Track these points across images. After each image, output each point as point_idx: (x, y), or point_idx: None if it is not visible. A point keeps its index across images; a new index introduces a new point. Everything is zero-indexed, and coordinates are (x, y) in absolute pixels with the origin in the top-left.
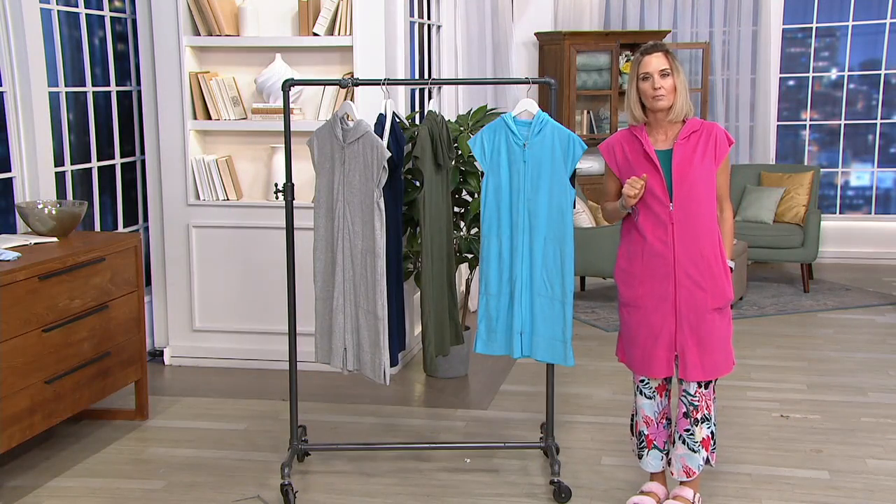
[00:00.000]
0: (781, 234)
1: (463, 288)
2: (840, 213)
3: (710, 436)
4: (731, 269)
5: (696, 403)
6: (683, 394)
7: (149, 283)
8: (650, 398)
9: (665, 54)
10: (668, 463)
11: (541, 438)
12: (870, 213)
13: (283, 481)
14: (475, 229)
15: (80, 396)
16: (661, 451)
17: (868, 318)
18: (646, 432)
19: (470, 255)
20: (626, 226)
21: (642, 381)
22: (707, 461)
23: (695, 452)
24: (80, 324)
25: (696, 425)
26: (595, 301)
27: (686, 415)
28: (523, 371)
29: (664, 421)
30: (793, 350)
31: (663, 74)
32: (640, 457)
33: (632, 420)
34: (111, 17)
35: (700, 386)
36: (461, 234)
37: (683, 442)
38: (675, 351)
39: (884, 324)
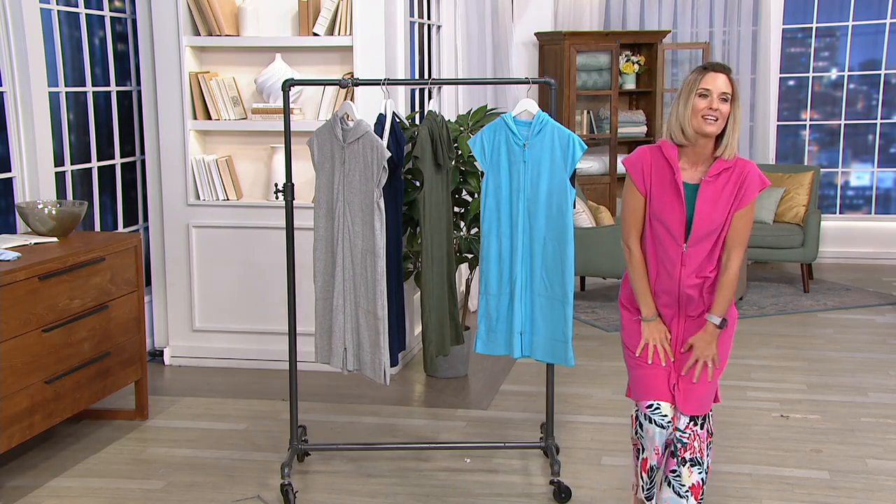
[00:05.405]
0: (781, 234)
1: (463, 288)
2: (840, 213)
3: (701, 483)
4: (716, 325)
5: (686, 441)
6: (675, 430)
7: (149, 283)
8: (662, 427)
9: (730, 79)
10: None
11: (541, 438)
12: (870, 213)
13: (283, 481)
14: (475, 229)
15: (80, 396)
16: None
17: (868, 318)
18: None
19: (470, 255)
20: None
21: (650, 406)
22: None
23: (681, 498)
24: (80, 324)
25: (684, 465)
26: (595, 301)
27: (674, 454)
28: (523, 371)
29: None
30: (793, 350)
31: (723, 98)
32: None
33: (637, 455)
34: (111, 17)
35: (691, 421)
36: (461, 234)
37: (669, 485)
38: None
39: (884, 324)
